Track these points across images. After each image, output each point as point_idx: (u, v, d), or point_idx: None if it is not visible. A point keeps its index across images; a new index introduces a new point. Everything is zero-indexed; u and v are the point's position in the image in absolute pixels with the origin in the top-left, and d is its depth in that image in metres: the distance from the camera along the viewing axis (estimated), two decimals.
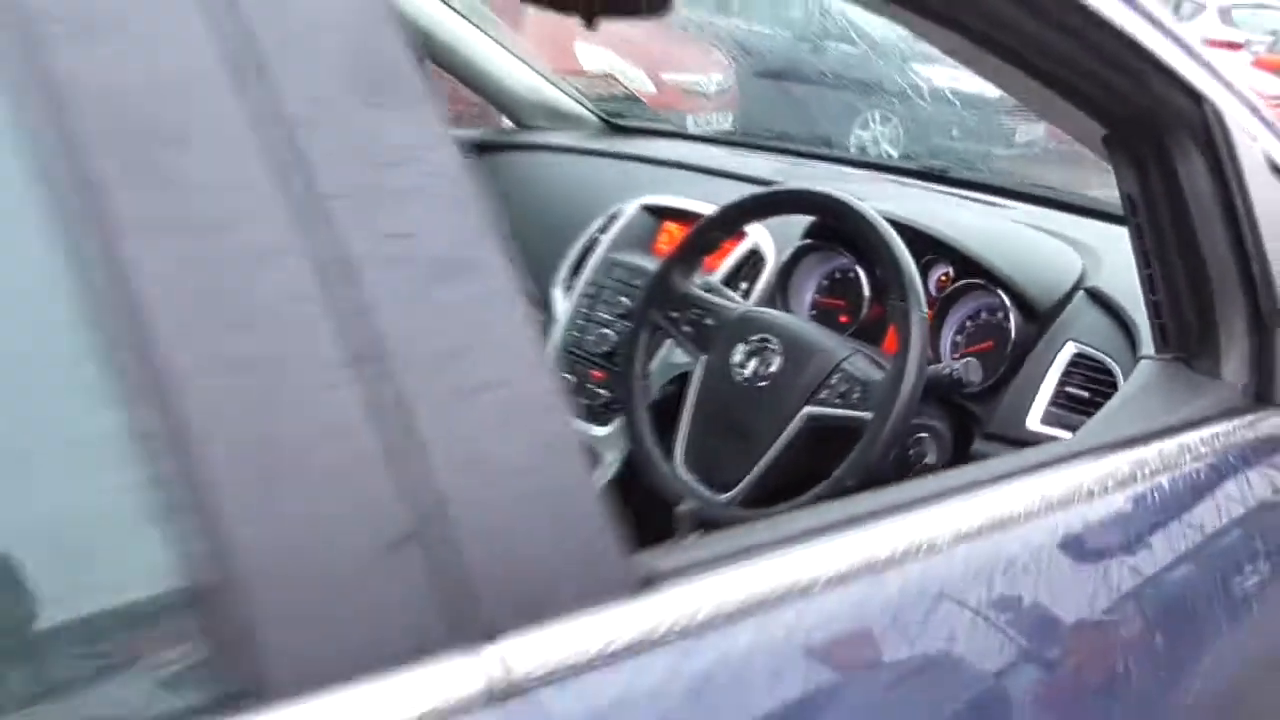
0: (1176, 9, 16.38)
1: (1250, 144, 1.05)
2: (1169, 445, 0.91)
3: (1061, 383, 1.28)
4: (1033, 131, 4.52)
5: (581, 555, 0.55)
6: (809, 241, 1.57)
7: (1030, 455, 0.87)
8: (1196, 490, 0.92)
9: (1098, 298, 1.33)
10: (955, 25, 0.95)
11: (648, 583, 0.57)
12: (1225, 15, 16.13)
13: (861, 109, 6.35)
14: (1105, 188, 1.37)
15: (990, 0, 0.88)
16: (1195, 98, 1.01)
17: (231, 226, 0.46)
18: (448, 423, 0.51)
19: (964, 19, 0.93)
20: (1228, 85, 1.04)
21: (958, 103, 4.28)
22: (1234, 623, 0.89)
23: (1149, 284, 1.11)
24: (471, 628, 0.50)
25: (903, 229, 1.33)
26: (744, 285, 1.61)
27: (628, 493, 1.45)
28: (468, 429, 0.51)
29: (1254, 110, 1.07)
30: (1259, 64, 12.83)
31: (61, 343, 0.45)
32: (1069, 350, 1.29)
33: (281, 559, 0.46)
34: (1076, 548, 0.79)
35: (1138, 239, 1.10)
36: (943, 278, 1.47)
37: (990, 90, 1.90)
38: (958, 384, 1.26)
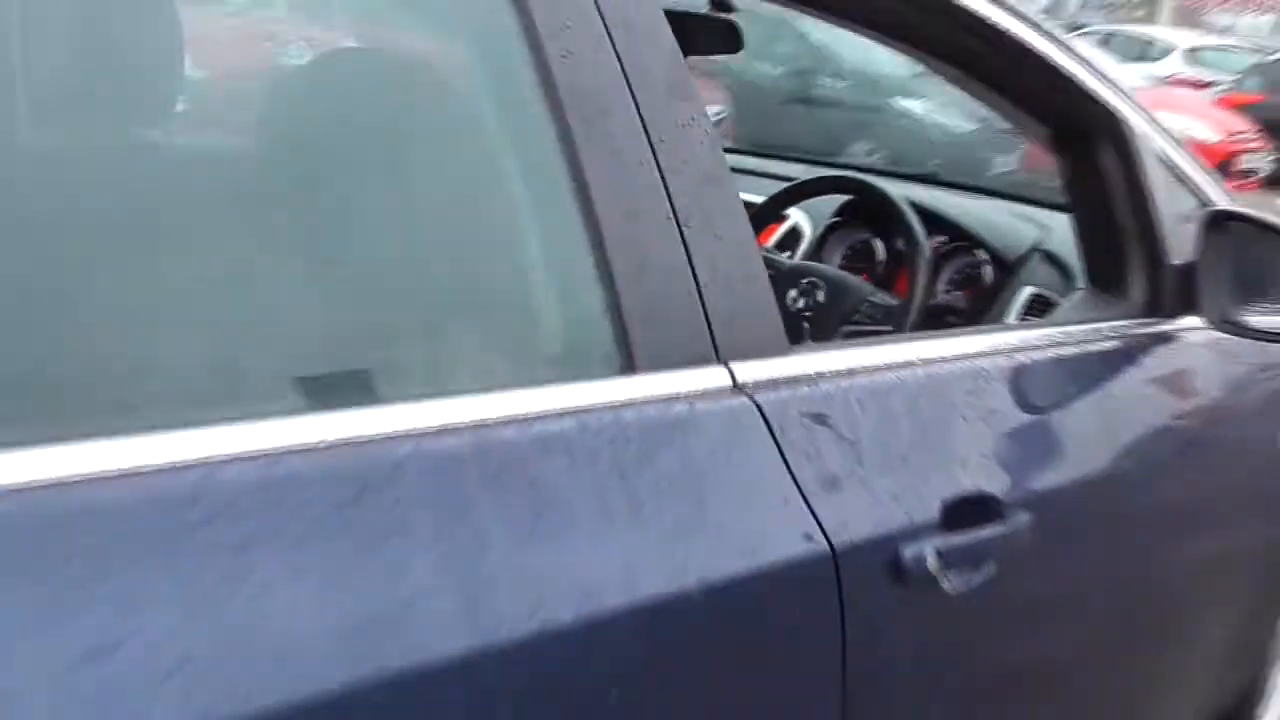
0: (1148, 48, 17.09)
1: (1147, 142, 1.59)
2: (1085, 327, 1.45)
3: (1021, 314, 1.82)
4: (1007, 164, 5.00)
5: (764, 329, 1.07)
6: (837, 219, 2.12)
7: (1000, 325, 1.40)
8: (1101, 355, 1.45)
9: (1048, 255, 1.87)
10: (949, 60, 1.49)
11: (797, 349, 1.10)
12: (1192, 56, 16.79)
13: (848, 140, 6.88)
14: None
15: (972, 44, 1.41)
16: (1108, 111, 1.54)
17: (626, 151, 0.99)
18: (708, 252, 1.03)
19: (956, 56, 1.47)
20: (1131, 102, 1.57)
21: (939, 136, 4.79)
22: (1104, 429, 1.41)
23: (1080, 239, 1.64)
24: (718, 355, 1.02)
25: (911, 206, 1.87)
26: (786, 254, 2.15)
27: None
28: (717, 256, 1.03)
29: (1150, 120, 1.61)
30: (1223, 102, 13.46)
31: (564, 219, 0.97)
32: (1027, 291, 1.84)
33: (644, 305, 0.98)
34: (1017, 370, 1.31)
35: (1072, 208, 1.64)
36: (938, 243, 2.01)
37: (967, 125, 2.51)
38: (949, 310, 1.80)
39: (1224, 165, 10.45)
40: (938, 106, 4.18)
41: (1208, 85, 15.40)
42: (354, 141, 0.93)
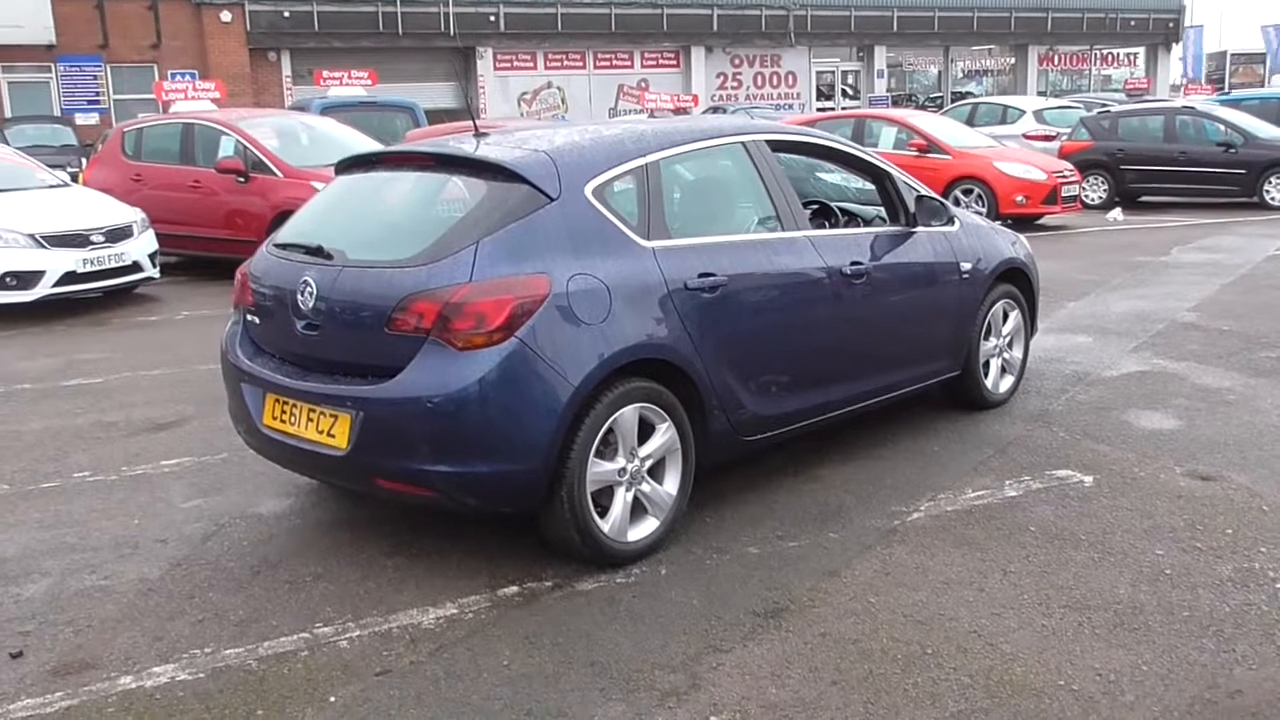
0: (1004, 115, 21.30)
1: (896, 176, 5.40)
2: (891, 229, 5.28)
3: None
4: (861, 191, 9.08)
5: None
6: (814, 207, 5.91)
7: (868, 229, 5.26)
8: (896, 235, 5.26)
9: (880, 217, 5.66)
10: (839, 163, 5.36)
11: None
12: (1039, 116, 21.02)
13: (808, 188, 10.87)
14: None
15: (842, 157, 5.27)
16: (883, 168, 5.38)
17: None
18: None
19: (840, 161, 5.35)
20: (889, 164, 5.41)
21: (837, 185, 8.69)
22: (901, 252, 5.19)
23: (886, 208, 5.46)
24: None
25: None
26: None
27: None
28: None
29: (895, 169, 5.43)
30: (1064, 151, 17.54)
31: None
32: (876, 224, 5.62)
33: None
34: (876, 236, 5.13)
35: (881, 199, 5.46)
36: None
37: (849, 183, 6.51)
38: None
39: (1053, 195, 14.39)
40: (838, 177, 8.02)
41: (1055, 138, 19.33)
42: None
